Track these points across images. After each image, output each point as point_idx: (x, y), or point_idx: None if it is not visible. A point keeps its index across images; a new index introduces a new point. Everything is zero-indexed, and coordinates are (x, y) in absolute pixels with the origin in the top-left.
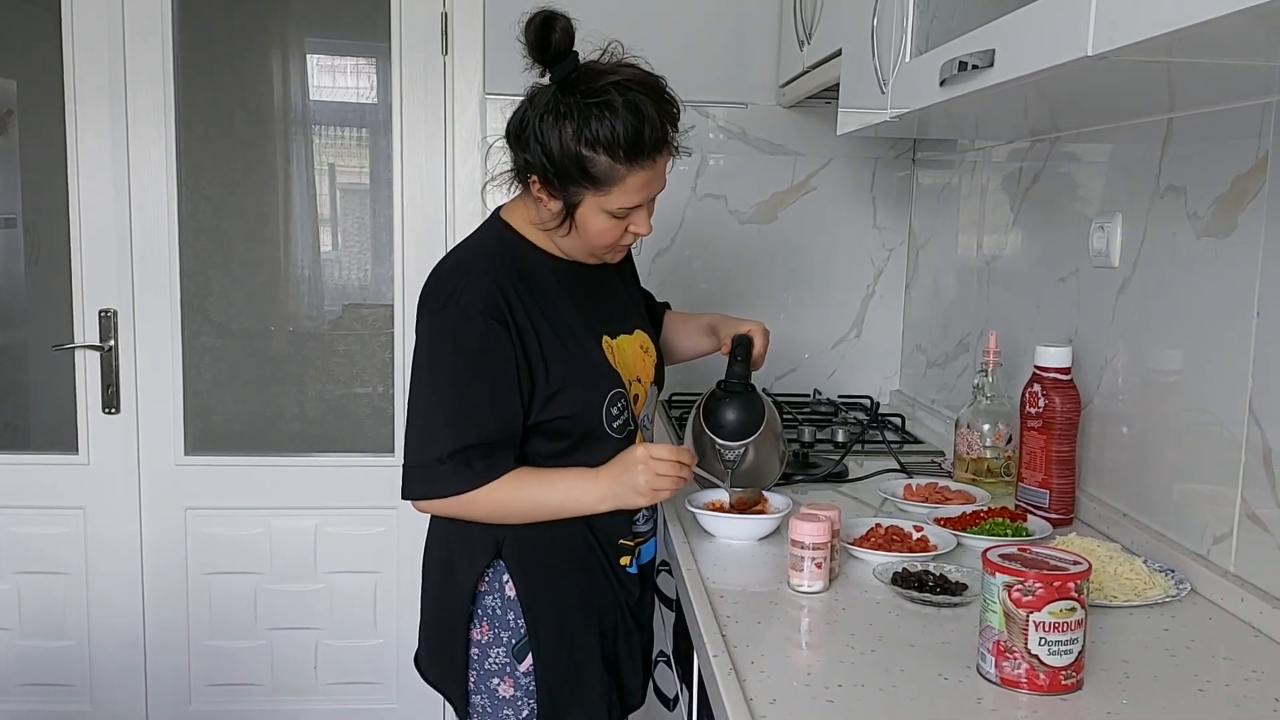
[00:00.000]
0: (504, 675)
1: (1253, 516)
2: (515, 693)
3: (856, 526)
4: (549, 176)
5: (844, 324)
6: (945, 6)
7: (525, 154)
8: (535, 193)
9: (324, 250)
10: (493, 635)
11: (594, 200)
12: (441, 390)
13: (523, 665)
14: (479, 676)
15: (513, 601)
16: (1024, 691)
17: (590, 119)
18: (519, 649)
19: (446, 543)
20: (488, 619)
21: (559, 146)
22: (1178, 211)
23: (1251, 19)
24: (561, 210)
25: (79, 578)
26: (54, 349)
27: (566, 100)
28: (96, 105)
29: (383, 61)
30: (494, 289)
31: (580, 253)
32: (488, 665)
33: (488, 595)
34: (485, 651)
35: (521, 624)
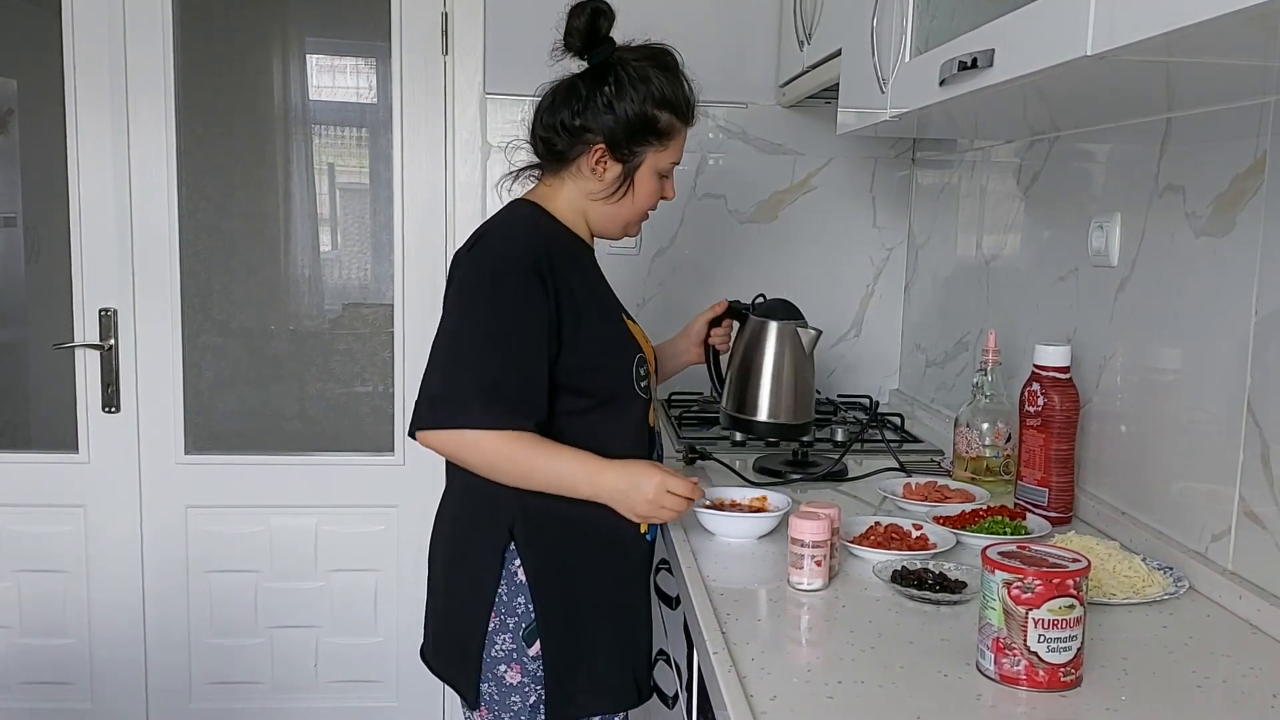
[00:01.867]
0: (511, 662)
1: (1250, 514)
2: (523, 679)
3: (856, 525)
4: (618, 140)
5: (843, 323)
6: (945, 6)
7: (589, 131)
8: (592, 166)
9: (324, 250)
10: (499, 622)
11: (653, 159)
12: (475, 330)
13: (531, 650)
14: (486, 664)
15: (521, 586)
16: (1023, 688)
17: (651, 84)
18: (528, 633)
19: (456, 532)
20: (495, 606)
21: (630, 109)
22: (1176, 211)
23: (1248, 19)
24: (620, 174)
25: (79, 576)
26: (55, 348)
27: (619, 74)
28: (97, 104)
29: (383, 61)
30: (535, 245)
31: (615, 224)
32: (494, 653)
33: (497, 584)
34: (492, 639)
35: (531, 608)
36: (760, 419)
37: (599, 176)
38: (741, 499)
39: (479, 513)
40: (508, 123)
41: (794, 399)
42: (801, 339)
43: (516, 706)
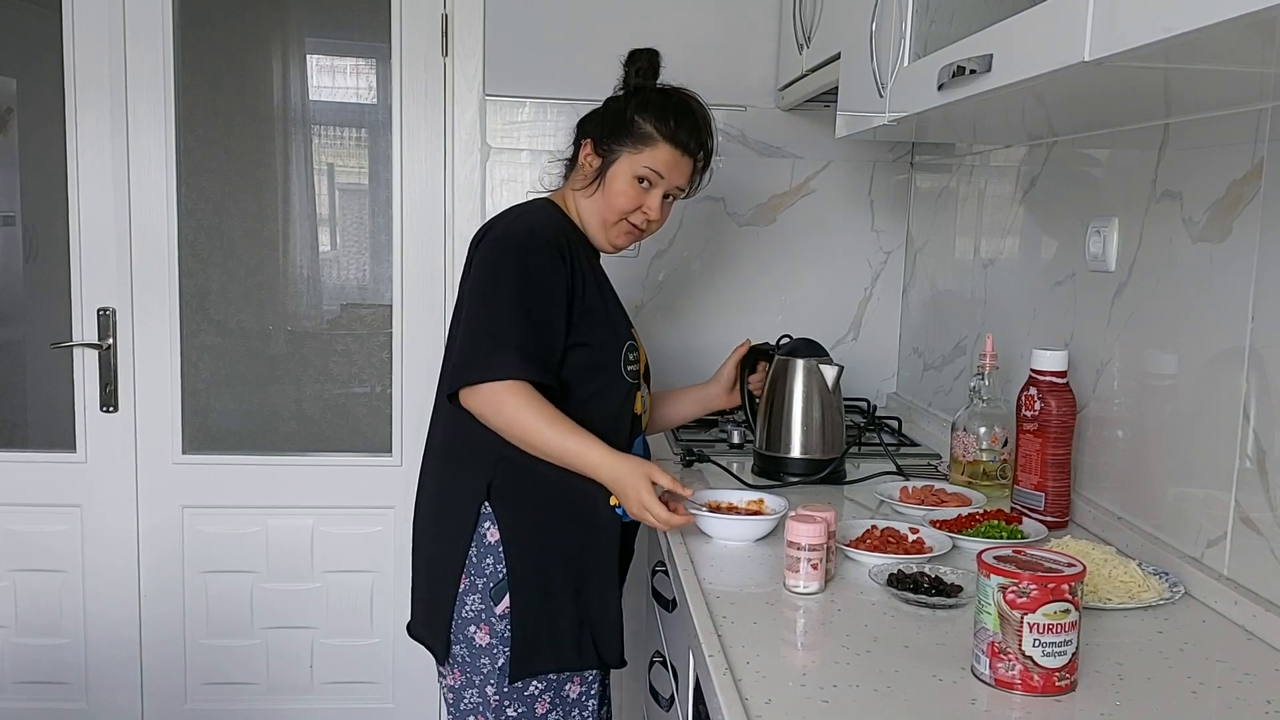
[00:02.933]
0: (480, 622)
1: (1246, 520)
2: (491, 640)
3: (852, 528)
4: (600, 135)
5: (841, 326)
6: (943, 11)
7: (584, 128)
8: (583, 158)
9: (323, 250)
10: (469, 583)
11: (628, 160)
12: (500, 296)
13: (498, 607)
14: (457, 625)
15: (491, 547)
16: (1018, 693)
17: (648, 97)
18: (496, 590)
19: (438, 490)
20: (465, 568)
21: (615, 108)
22: (1174, 216)
23: (1246, 26)
24: (599, 168)
25: (76, 575)
26: (52, 347)
27: (640, 91)
28: (96, 104)
29: (382, 62)
30: (553, 226)
31: (595, 220)
32: (465, 613)
33: (469, 545)
34: (462, 599)
35: (501, 568)
36: (793, 455)
37: (584, 170)
38: (738, 502)
39: (460, 469)
40: (507, 124)
41: (824, 433)
42: (825, 375)
43: (486, 669)
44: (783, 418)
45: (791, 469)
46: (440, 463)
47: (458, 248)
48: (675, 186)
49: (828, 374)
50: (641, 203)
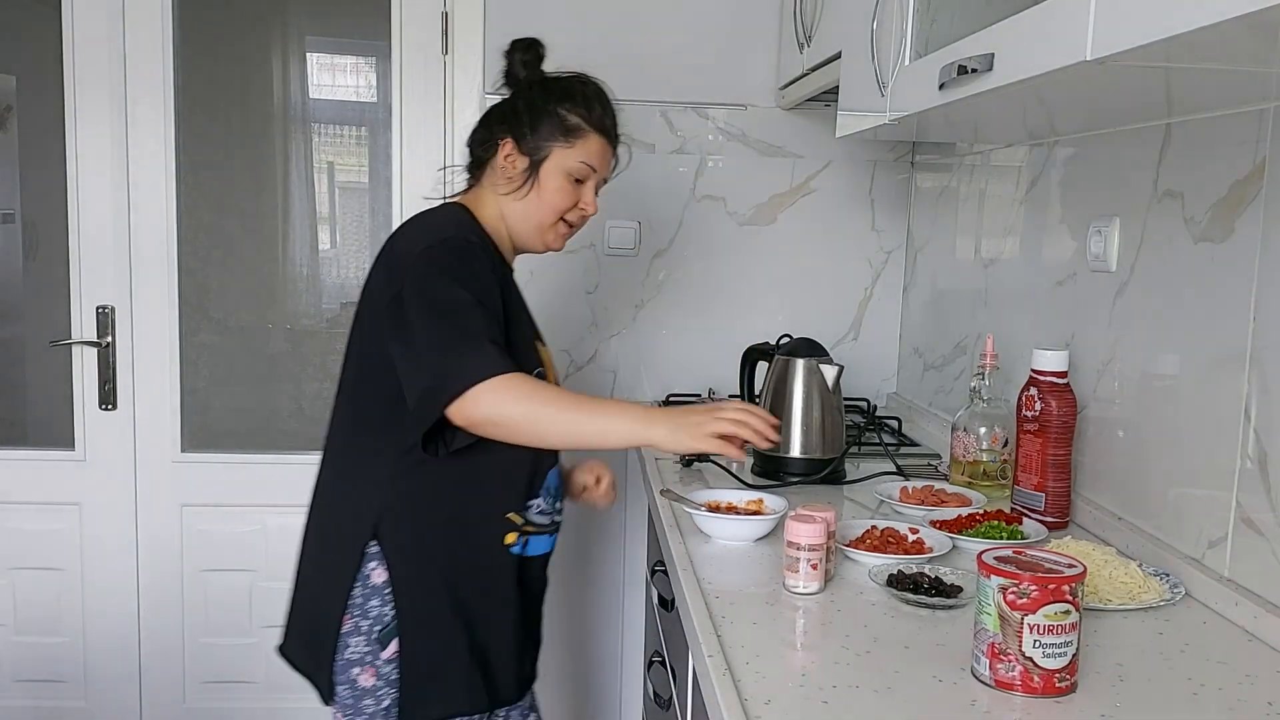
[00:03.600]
0: (365, 664)
1: (1247, 521)
2: (376, 682)
3: (852, 528)
4: (524, 133)
5: (841, 326)
6: (944, 10)
7: (499, 126)
8: (504, 159)
9: (322, 248)
10: (352, 625)
11: (559, 156)
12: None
13: (385, 652)
14: (339, 666)
15: (376, 588)
16: (1018, 694)
17: (560, 85)
18: (384, 634)
19: (324, 529)
20: (349, 608)
21: (536, 103)
22: (1175, 216)
23: (1248, 25)
24: (528, 168)
25: (74, 574)
26: (51, 344)
27: (547, 83)
28: (96, 101)
29: (382, 60)
30: (482, 237)
31: (529, 225)
32: (348, 655)
33: (353, 584)
34: (345, 641)
35: (387, 611)
36: (793, 455)
37: (508, 173)
38: (738, 502)
39: (347, 504)
40: None
41: (824, 433)
42: (825, 375)
43: (370, 710)
44: (783, 417)
45: (791, 469)
46: (329, 493)
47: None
48: (603, 176)
49: (828, 374)
50: (578, 199)
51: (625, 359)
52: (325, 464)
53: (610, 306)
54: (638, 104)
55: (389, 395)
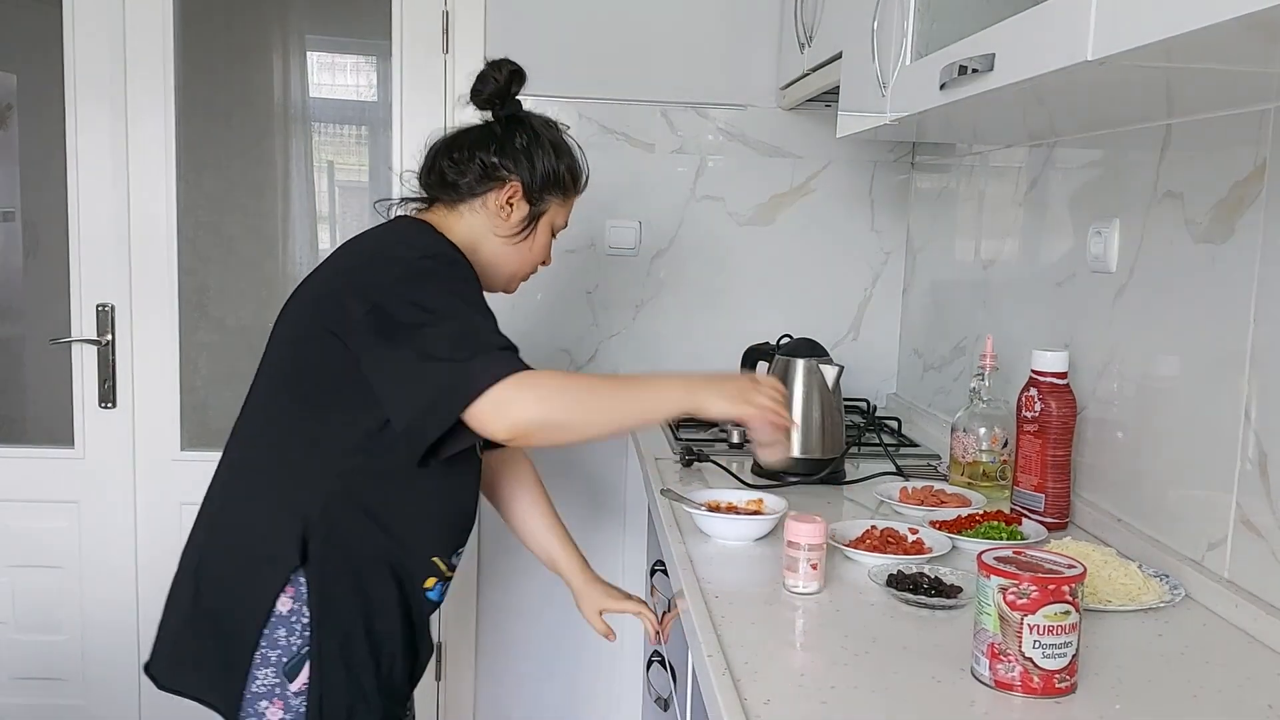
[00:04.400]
0: (273, 697)
1: (1247, 523)
2: (285, 715)
3: (852, 528)
4: (532, 183)
5: (841, 327)
6: (945, 10)
7: (506, 169)
8: (502, 203)
9: (322, 248)
10: (261, 656)
11: (554, 212)
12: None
13: (294, 684)
14: (248, 699)
15: (283, 618)
16: (1018, 694)
17: (559, 144)
18: (291, 667)
19: (237, 548)
20: (260, 638)
21: (547, 158)
22: (1175, 217)
23: (1249, 26)
24: (527, 216)
25: (73, 572)
26: (51, 343)
27: (531, 128)
28: (97, 100)
29: (383, 59)
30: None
31: (506, 267)
32: (256, 688)
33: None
34: (254, 674)
35: (294, 641)
36: (793, 455)
37: (506, 215)
38: (738, 501)
39: (264, 527)
40: None
41: (824, 433)
42: (825, 375)
43: None
44: None
45: (792, 469)
46: (243, 510)
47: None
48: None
49: (828, 374)
50: (546, 253)
51: (625, 359)
52: (233, 478)
53: (610, 306)
54: (638, 103)
55: (333, 414)
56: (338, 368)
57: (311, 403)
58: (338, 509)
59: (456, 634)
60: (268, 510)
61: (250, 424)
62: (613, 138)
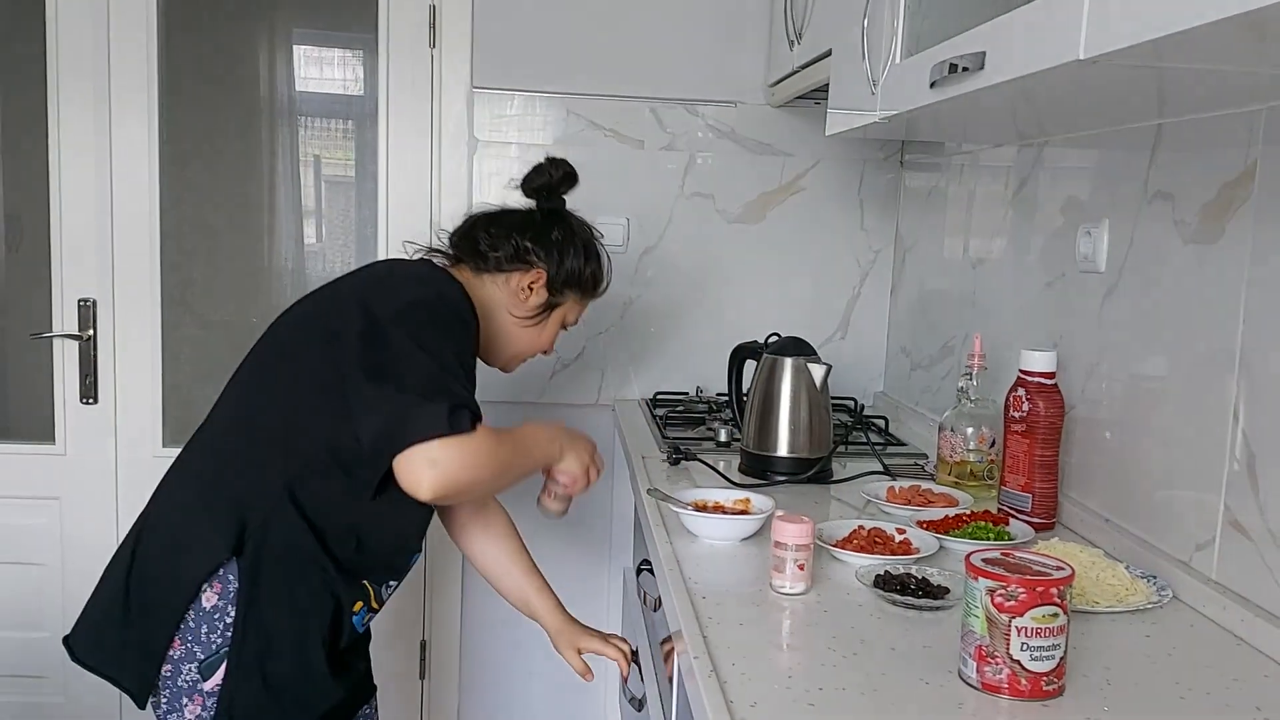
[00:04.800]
0: (193, 694)
1: (1235, 524)
2: (201, 713)
3: (839, 528)
4: (557, 275)
5: (830, 325)
6: (936, 8)
7: (536, 256)
8: (524, 285)
9: (308, 242)
10: (185, 650)
11: (568, 307)
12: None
13: (207, 684)
14: (170, 696)
15: (207, 614)
16: (1005, 697)
17: (591, 246)
18: (207, 665)
19: (174, 535)
20: (182, 632)
21: (576, 257)
22: (1165, 218)
23: (1240, 26)
24: (544, 304)
25: (54, 569)
26: (32, 337)
27: (568, 226)
28: (79, 93)
29: (369, 54)
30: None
31: (510, 346)
32: (180, 682)
33: (189, 605)
34: (177, 668)
35: (215, 640)
36: (781, 454)
37: (524, 298)
38: (725, 501)
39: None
40: (495, 117)
41: (811, 432)
42: (813, 374)
43: None
44: (770, 416)
45: (779, 468)
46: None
47: None
48: None
49: (815, 373)
50: (554, 342)
51: (613, 357)
52: (192, 461)
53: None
54: (627, 100)
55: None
56: (325, 378)
57: (289, 404)
58: (283, 512)
59: (440, 631)
60: (214, 498)
61: (224, 412)
62: (601, 134)
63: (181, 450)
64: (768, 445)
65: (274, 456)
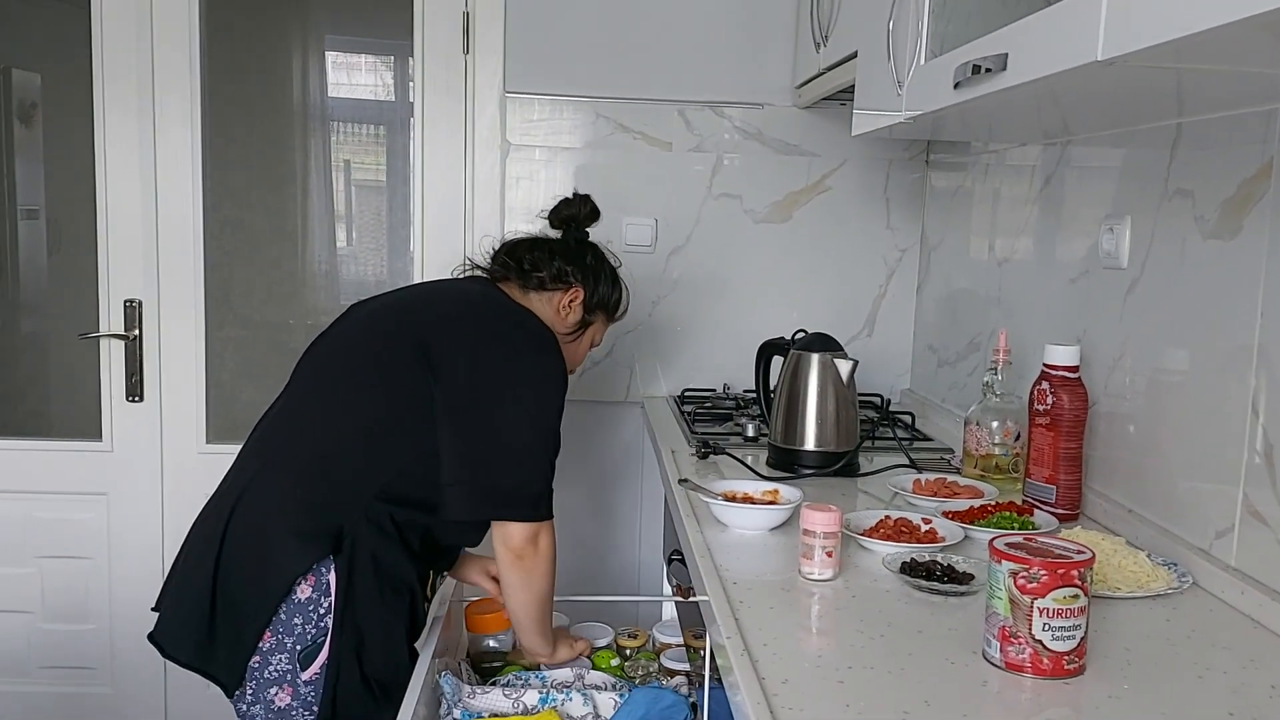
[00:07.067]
0: (283, 683)
1: (1254, 512)
2: (292, 702)
3: (866, 518)
4: (591, 297)
5: (856, 323)
6: (960, 10)
7: (574, 278)
8: (565, 304)
9: (339, 246)
10: (275, 641)
11: (597, 327)
12: (546, 424)
13: (305, 673)
14: (257, 685)
15: (300, 605)
16: (1028, 675)
17: (618, 278)
18: (306, 654)
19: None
20: (273, 623)
21: (608, 282)
22: (1185, 214)
23: (1257, 26)
24: (579, 322)
25: (101, 563)
26: (80, 337)
27: (599, 253)
28: (124, 100)
29: (400, 60)
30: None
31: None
32: (268, 673)
33: (284, 598)
34: (266, 659)
35: (310, 630)
36: (808, 448)
37: (565, 315)
38: (754, 492)
39: (309, 515)
40: (526, 121)
41: (838, 426)
42: (840, 369)
43: None
44: (797, 411)
45: (806, 461)
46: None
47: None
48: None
49: (842, 368)
50: (581, 361)
51: (642, 355)
52: (275, 457)
53: None
54: (655, 102)
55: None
56: (423, 399)
57: (387, 416)
58: (375, 518)
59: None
60: (307, 503)
61: (308, 410)
62: (630, 136)
63: (257, 449)
64: (795, 439)
65: (369, 466)
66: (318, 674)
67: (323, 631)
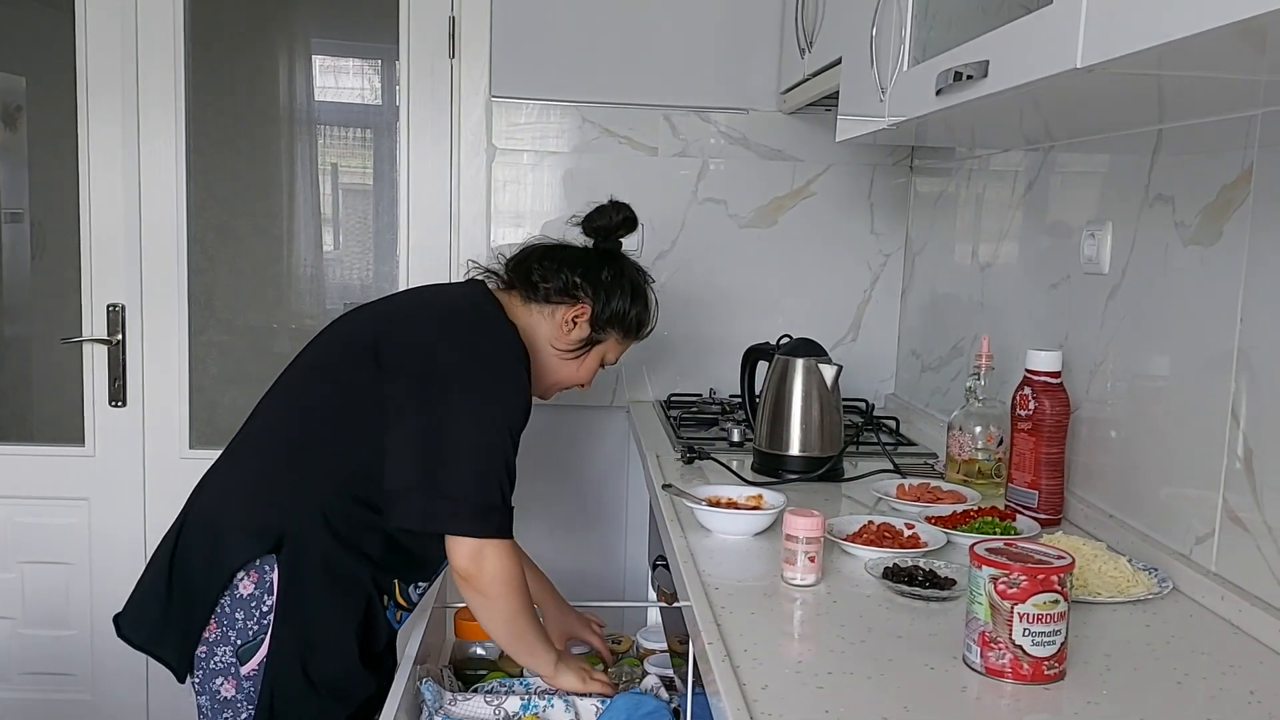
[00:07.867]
0: (227, 675)
1: (1234, 518)
2: (236, 694)
3: (849, 524)
4: (601, 314)
5: (841, 328)
6: (942, 18)
7: (584, 292)
8: (569, 319)
9: (326, 249)
10: (219, 633)
11: (609, 345)
12: (497, 437)
13: (244, 668)
14: (204, 675)
15: (242, 600)
16: (1008, 680)
17: (640, 289)
18: (245, 649)
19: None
20: (217, 615)
21: (623, 299)
22: (1166, 220)
23: (1235, 34)
24: (585, 340)
25: (83, 568)
26: (63, 342)
27: (623, 267)
28: (108, 103)
29: (388, 63)
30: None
31: (547, 377)
32: (213, 664)
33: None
34: (212, 650)
35: (251, 626)
36: (793, 453)
37: (567, 331)
38: (738, 497)
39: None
40: (512, 125)
41: (822, 431)
42: (824, 374)
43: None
44: (782, 416)
45: (790, 466)
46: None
47: (463, 247)
48: None
49: (826, 373)
50: (591, 378)
51: (627, 360)
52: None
53: None
54: (641, 107)
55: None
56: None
57: (331, 427)
58: (317, 528)
59: None
60: (254, 507)
61: (266, 419)
62: (616, 141)
63: (228, 445)
64: (780, 444)
65: (311, 476)
66: (255, 670)
67: (264, 629)
